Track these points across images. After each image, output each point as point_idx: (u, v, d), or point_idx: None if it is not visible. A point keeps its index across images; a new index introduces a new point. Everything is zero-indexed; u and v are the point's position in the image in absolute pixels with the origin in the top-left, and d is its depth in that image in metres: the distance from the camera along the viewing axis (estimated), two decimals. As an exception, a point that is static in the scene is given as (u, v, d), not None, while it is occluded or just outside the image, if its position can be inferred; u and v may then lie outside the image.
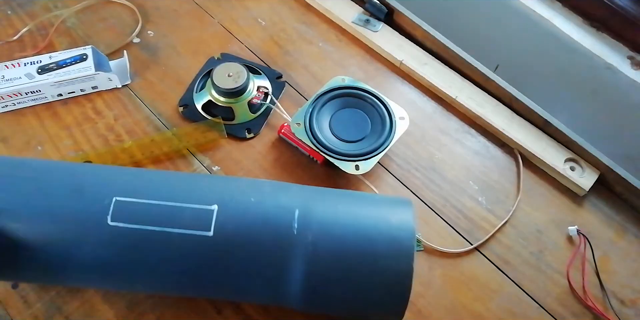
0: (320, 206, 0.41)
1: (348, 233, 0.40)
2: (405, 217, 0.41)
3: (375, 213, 0.42)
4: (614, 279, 0.53)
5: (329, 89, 0.56)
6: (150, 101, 0.60)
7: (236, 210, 0.40)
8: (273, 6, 0.69)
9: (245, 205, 0.40)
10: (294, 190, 0.43)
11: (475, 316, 0.50)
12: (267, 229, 0.39)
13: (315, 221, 0.40)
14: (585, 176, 0.57)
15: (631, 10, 0.64)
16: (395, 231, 0.40)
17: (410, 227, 0.40)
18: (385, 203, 0.43)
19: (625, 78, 0.64)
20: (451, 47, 0.63)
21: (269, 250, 0.39)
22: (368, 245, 0.39)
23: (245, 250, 0.38)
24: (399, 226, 0.40)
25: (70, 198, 0.39)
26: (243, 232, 0.39)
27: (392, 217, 0.41)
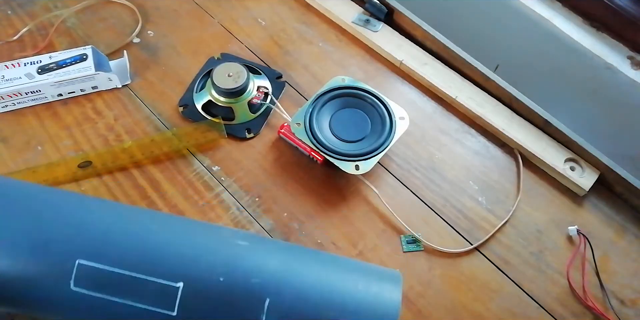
0: (295, 293, 0.38)
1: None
2: (390, 307, 0.38)
3: (359, 300, 0.38)
4: (614, 279, 0.53)
5: (329, 89, 0.56)
6: (150, 101, 0.60)
7: (203, 290, 0.37)
8: (273, 6, 0.69)
9: (213, 285, 0.38)
10: (272, 264, 0.39)
11: (475, 316, 0.50)
12: (233, 315, 0.37)
13: (286, 314, 0.37)
14: (585, 176, 0.57)
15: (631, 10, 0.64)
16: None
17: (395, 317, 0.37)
18: (371, 286, 0.40)
19: (625, 78, 0.64)
20: (451, 47, 0.63)
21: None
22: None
23: None
24: (382, 316, 0.37)
25: (34, 254, 0.37)
26: (208, 316, 0.37)
27: (377, 309, 0.38)
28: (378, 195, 0.55)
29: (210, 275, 0.38)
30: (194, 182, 0.56)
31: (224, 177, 0.56)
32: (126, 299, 0.36)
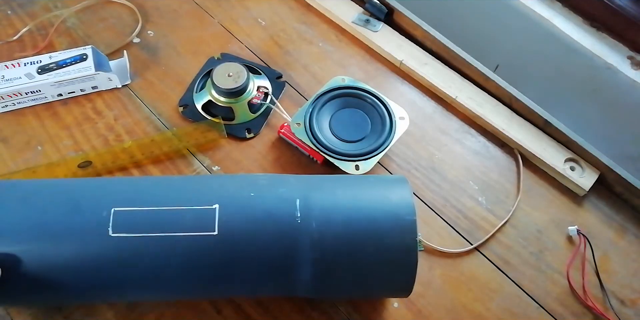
0: (320, 193, 0.42)
1: (350, 216, 0.40)
2: (403, 194, 0.41)
3: (373, 193, 0.42)
4: (614, 279, 0.53)
5: (329, 89, 0.56)
6: (150, 101, 0.60)
7: (237, 206, 0.40)
8: (273, 6, 0.69)
9: (245, 200, 0.40)
10: (291, 182, 0.43)
11: (475, 316, 0.50)
12: (270, 222, 0.39)
13: (317, 208, 0.40)
14: (585, 176, 0.57)
15: (631, 10, 0.64)
16: (395, 208, 0.40)
17: (410, 203, 0.41)
18: (381, 183, 0.44)
19: (625, 78, 0.64)
20: (451, 47, 0.63)
21: (275, 241, 0.39)
22: (371, 225, 0.39)
23: (252, 245, 0.38)
24: (398, 203, 0.41)
25: (67, 215, 0.38)
26: (247, 227, 0.39)
27: (390, 195, 0.42)
28: (378, 195, 0.55)
29: (240, 193, 0.41)
30: (194, 182, 0.56)
31: (224, 177, 0.56)
32: (166, 231, 0.37)
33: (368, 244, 0.39)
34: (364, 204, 0.41)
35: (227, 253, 0.38)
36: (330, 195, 0.42)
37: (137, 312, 0.48)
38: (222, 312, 0.49)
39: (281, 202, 0.40)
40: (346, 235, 0.39)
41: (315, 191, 0.42)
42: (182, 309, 0.48)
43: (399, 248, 0.39)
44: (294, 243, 0.39)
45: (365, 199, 0.41)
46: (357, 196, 0.42)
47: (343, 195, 0.42)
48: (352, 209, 0.40)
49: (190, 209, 0.39)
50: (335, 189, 0.42)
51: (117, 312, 0.48)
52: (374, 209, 0.40)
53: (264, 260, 0.39)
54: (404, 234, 0.39)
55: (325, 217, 0.40)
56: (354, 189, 0.43)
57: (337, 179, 0.45)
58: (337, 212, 0.40)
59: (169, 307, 0.48)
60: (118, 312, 0.48)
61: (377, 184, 0.44)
